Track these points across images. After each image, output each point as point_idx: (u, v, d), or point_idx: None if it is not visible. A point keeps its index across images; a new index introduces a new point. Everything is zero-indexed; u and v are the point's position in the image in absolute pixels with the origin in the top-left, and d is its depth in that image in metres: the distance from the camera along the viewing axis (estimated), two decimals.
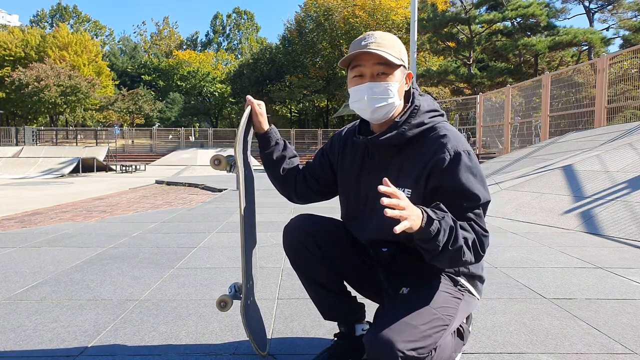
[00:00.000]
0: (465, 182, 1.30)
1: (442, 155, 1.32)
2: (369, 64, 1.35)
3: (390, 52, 1.33)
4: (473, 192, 1.30)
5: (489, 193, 1.34)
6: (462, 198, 1.30)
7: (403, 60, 1.37)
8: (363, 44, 1.35)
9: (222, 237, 4.07)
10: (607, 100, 8.89)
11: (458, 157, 1.31)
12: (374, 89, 1.35)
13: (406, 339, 1.20)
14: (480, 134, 15.12)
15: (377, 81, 1.35)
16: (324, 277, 1.56)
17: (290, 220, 1.60)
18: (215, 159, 1.55)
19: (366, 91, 1.36)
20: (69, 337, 1.86)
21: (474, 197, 1.30)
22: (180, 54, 56.66)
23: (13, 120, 45.37)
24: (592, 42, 22.30)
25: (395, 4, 37.48)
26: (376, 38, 1.35)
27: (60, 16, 63.78)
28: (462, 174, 1.30)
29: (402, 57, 1.37)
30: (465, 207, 1.30)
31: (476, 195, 1.31)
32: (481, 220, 1.31)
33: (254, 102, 1.61)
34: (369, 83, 1.36)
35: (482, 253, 1.30)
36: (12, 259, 3.24)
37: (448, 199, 1.29)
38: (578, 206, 4.68)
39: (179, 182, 11.54)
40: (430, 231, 1.15)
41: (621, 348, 1.75)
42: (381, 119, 1.40)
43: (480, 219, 1.31)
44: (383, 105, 1.36)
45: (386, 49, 1.34)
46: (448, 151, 1.32)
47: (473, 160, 1.34)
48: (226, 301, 1.54)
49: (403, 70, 1.39)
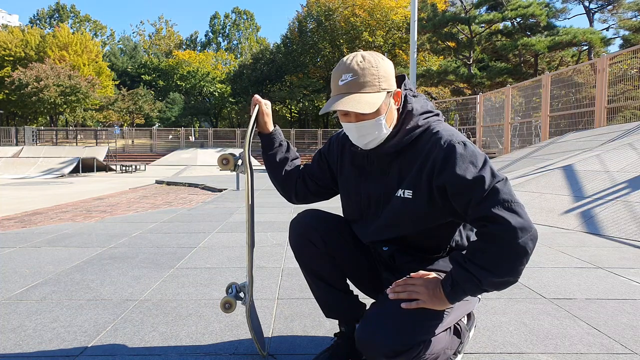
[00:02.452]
0: (464, 172, 1.23)
1: (436, 152, 1.30)
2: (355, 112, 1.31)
3: (368, 89, 1.28)
4: (477, 179, 1.22)
5: (498, 173, 1.24)
6: (468, 190, 1.22)
7: (386, 87, 1.31)
8: (340, 85, 1.29)
9: (222, 237, 4.07)
10: (607, 100, 8.90)
11: (452, 149, 1.28)
12: (361, 129, 1.34)
13: (395, 333, 1.22)
14: (480, 134, 15.12)
15: (364, 119, 1.32)
16: (328, 272, 1.57)
17: (297, 215, 1.61)
18: (223, 159, 1.56)
19: (354, 130, 1.35)
20: (69, 337, 1.86)
21: (480, 183, 1.21)
22: (180, 53, 56.68)
23: (13, 120, 45.37)
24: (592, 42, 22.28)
25: (395, 4, 37.49)
26: (352, 74, 1.28)
27: (58, 16, 63.76)
28: (460, 165, 1.25)
29: (384, 84, 1.30)
30: (476, 200, 1.21)
31: (480, 179, 1.22)
32: (500, 205, 1.18)
33: (262, 102, 1.61)
34: (355, 124, 1.33)
35: (519, 240, 1.16)
36: (12, 259, 3.24)
37: (456, 197, 1.26)
38: (578, 206, 4.68)
39: (179, 182, 11.54)
40: (454, 292, 1.25)
41: (621, 348, 1.75)
42: (374, 146, 1.39)
43: (500, 200, 1.18)
44: (373, 139, 1.36)
45: (364, 87, 1.27)
46: (441, 146, 1.30)
47: (469, 149, 1.27)
48: (230, 302, 1.54)
49: (388, 95, 1.33)
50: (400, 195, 1.36)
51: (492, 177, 1.22)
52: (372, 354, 1.24)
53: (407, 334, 1.23)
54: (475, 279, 1.21)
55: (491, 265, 1.20)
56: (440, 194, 1.30)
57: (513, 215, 1.17)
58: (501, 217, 1.17)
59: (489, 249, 1.20)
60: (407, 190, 1.36)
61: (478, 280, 1.21)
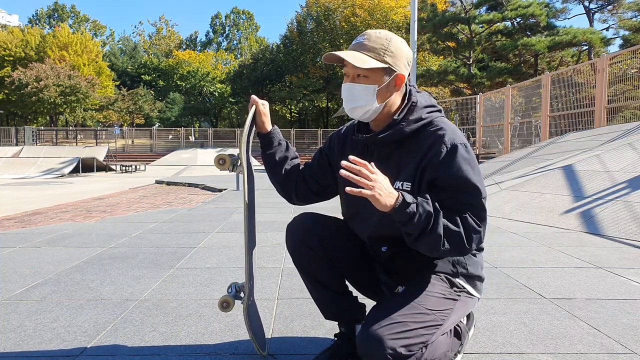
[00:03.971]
0: (463, 174, 1.29)
1: (438, 147, 1.32)
2: (350, 65, 1.36)
3: (371, 54, 1.34)
4: (472, 184, 1.30)
5: (485, 187, 1.35)
6: (460, 190, 1.30)
7: (390, 63, 1.35)
8: (353, 43, 1.38)
9: (222, 237, 4.07)
10: (607, 100, 8.89)
11: (455, 149, 1.31)
12: (352, 90, 1.39)
13: (396, 336, 1.21)
14: (480, 134, 15.11)
15: (356, 82, 1.37)
16: (326, 275, 1.57)
17: (294, 218, 1.61)
18: (220, 159, 1.56)
19: (345, 91, 1.40)
20: (69, 337, 1.86)
21: (472, 189, 1.30)
22: (180, 53, 56.65)
23: (13, 120, 45.36)
24: (592, 42, 22.29)
25: (394, 4, 37.48)
26: (365, 38, 1.37)
27: (57, 16, 63.74)
28: (460, 165, 1.30)
29: (389, 59, 1.35)
30: (463, 200, 1.30)
31: (475, 186, 1.30)
32: (478, 214, 1.30)
33: (259, 102, 1.61)
34: (348, 84, 1.39)
35: (467, 247, 1.29)
36: (12, 259, 3.24)
37: (445, 192, 1.30)
38: (578, 206, 4.68)
39: (179, 182, 11.54)
40: (406, 213, 1.21)
41: (621, 348, 1.75)
42: (360, 119, 1.44)
43: (477, 212, 1.30)
44: (358, 107, 1.39)
45: (368, 51, 1.34)
46: (445, 143, 1.32)
47: (470, 153, 1.34)
48: (229, 302, 1.54)
49: (389, 71, 1.37)
50: (398, 188, 1.36)
51: (483, 187, 1.33)
52: (373, 358, 1.22)
53: (409, 338, 1.23)
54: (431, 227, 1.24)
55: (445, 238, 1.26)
56: (430, 187, 1.34)
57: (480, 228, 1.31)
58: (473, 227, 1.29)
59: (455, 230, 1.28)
60: (405, 182, 1.37)
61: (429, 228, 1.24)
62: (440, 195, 1.30)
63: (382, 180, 1.21)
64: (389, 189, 1.21)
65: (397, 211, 1.21)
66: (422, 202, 1.24)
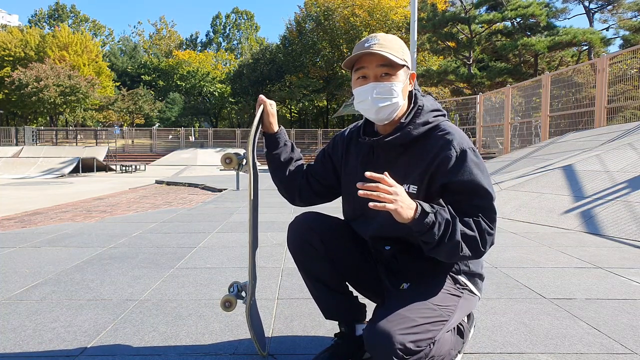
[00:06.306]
0: (474, 178, 1.31)
1: (448, 153, 1.33)
2: (372, 65, 1.35)
3: (393, 52, 1.34)
4: (483, 187, 1.32)
5: (494, 190, 1.36)
6: (472, 194, 1.31)
7: (406, 61, 1.38)
8: (366, 46, 1.35)
9: (222, 237, 4.07)
10: (607, 100, 8.89)
11: (464, 154, 1.33)
12: (378, 89, 1.36)
13: (405, 331, 1.22)
14: (480, 134, 15.11)
15: (381, 82, 1.36)
16: (327, 274, 1.57)
17: (295, 217, 1.61)
18: (226, 157, 1.56)
19: (370, 92, 1.37)
20: (69, 337, 1.86)
21: (484, 193, 1.32)
22: (180, 54, 56.62)
23: (13, 120, 45.36)
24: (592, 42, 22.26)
25: (394, 4, 37.46)
26: (379, 39, 1.36)
27: (58, 16, 63.73)
28: (471, 170, 1.31)
29: (405, 57, 1.38)
30: (475, 204, 1.31)
31: (486, 190, 1.32)
32: (490, 217, 1.32)
33: (267, 102, 1.60)
34: (372, 83, 1.37)
35: (483, 250, 1.30)
36: (12, 259, 3.24)
37: (457, 196, 1.31)
38: (578, 206, 4.68)
39: (179, 182, 11.54)
40: (425, 223, 1.21)
41: (621, 348, 1.75)
42: (385, 119, 1.41)
43: (489, 215, 1.32)
44: (387, 105, 1.37)
45: (389, 50, 1.34)
46: (454, 148, 1.33)
47: (479, 157, 1.36)
48: (231, 301, 1.54)
49: (406, 70, 1.39)
50: (405, 190, 1.36)
51: (492, 190, 1.34)
52: (382, 355, 1.22)
53: (417, 333, 1.23)
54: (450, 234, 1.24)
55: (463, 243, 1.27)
56: (442, 192, 1.35)
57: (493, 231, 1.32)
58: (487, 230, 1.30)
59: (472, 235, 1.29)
60: (412, 186, 1.37)
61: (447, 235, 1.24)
62: (453, 199, 1.32)
63: (401, 192, 1.21)
64: (407, 201, 1.21)
65: (417, 222, 1.21)
66: (439, 210, 1.24)
